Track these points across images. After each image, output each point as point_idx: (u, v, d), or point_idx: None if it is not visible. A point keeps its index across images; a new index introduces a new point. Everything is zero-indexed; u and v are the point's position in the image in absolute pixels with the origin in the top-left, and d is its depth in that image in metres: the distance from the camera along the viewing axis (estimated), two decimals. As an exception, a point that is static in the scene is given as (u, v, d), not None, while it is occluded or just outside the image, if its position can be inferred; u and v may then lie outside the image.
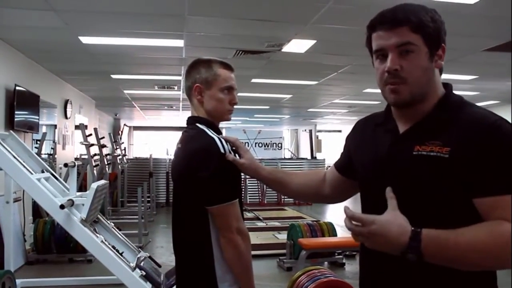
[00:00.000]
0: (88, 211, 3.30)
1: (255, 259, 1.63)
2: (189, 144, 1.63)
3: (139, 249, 4.12)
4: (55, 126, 7.43)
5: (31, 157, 3.77)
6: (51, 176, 3.74)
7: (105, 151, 8.61)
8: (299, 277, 3.32)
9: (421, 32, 1.11)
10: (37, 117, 6.09)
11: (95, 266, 5.02)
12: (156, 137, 19.63)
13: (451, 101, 1.18)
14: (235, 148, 1.63)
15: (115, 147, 10.40)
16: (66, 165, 3.74)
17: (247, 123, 16.92)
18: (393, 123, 1.23)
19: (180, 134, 1.75)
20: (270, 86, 8.46)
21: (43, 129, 6.83)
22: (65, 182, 3.86)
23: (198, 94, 1.67)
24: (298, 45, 5.40)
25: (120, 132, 15.37)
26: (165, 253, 5.84)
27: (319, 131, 18.90)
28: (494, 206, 1.03)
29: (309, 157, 16.94)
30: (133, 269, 3.25)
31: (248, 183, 11.02)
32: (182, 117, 13.19)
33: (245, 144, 1.74)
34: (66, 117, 8.01)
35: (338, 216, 8.95)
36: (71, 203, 3.26)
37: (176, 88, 8.68)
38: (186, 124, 1.72)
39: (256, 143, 17.17)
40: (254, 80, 7.79)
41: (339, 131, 19.78)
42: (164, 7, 4.10)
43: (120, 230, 4.16)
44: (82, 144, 7.62)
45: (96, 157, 8.06)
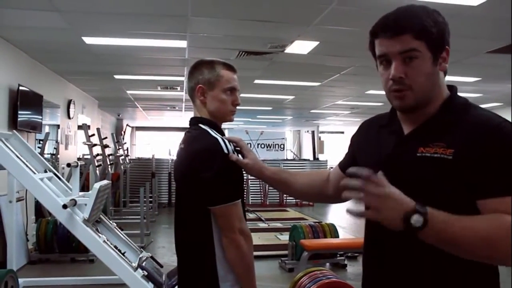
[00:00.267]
0: (91, 211, 3.30)
1: (256, 260, 1.63)
2: (192, 144, 1.63)
3: (141, 249, 4.13)
4: (58, 126, 7.45)
5: (34, 157, 3.78)
6: (54, 176, 3.75)
7: (107, 151, 8.62)
8: (301, 278, 3.32)
9: (424, 38, 1.10)
10: (40, 117, 6.11)
11: (97, 266, 5.02)
12: (158, 137, 19.64)
13: (455, 103, 1.18)
14: (238, 148, 1.63)
15: (117, 147, 10.42)
16: (68, 165, 3.75)
17: (250, 124, 16.92)
18: (397, 124, 1.24)
19: (183, 135, 1.74)
20: (272, 87, 8.46)
21: (46, 129, 6.85)
22: (68, 182, 3.87)
23: (201, 95, 1.67)
24: (301, 47, 5.39)
25: (122, 133, 15.38)
26: (167, 253, 5.84)
27: (322, 132, 18.89)
28: (497, 208, 1.03)
29: (311, 158, 16.95)
30: (135, 269, 3.25)
31: (250, 184, 11.00)
32: (185, 118, 13.18)
33: (247, 145, 1.74)
34: (69, 117, 8.03)
35: (340, 217, 8.98)
36: (74, 203, 3.26)
37: (178, 88, 8.69)
38: (189, 125, 1.72)
39: (258, 144, 17.17)
40: (256, 81, 7.80)
41: (342, 132, 19.76)
42: (167, 8, 4.11)
43: (122, 230, 4.17)
44: (85, 144, 7.63)
45: (99, 157, 8.08)
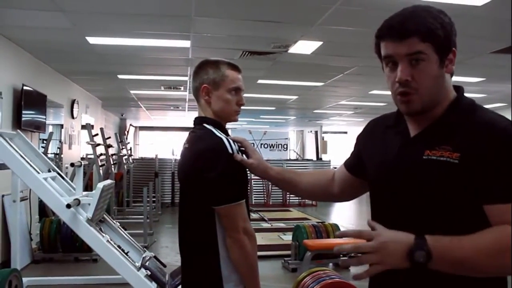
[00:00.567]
0: (94, 211, 3.30)
1: (259, 260, 1.63)
2: (197, 144, 1.63)
3: (145, 248, 4.13)
4: (61, 125, 7.47)
5: (38, 157, 3.78)
6: (58, 175, 3.75)
7: (111, 151, 8.64)
8: (304, 278, 3.31)
9: (431, 41, 1.09)
10: (44, 117, 6.12)
11: (100, 266, 5.03)
12: (161, 137, 19.68)
13: (462, 104, 1.17)
14: (243, 148, 1.63)
15: (121, 147, 10.43)
16: (72, 164, 3.76)
17: (253, 124, 16.92)
18: (404, 125, 1.23)
19: (187, 134, 1.74)
20: (276, 87, 8.46)
21: (50, 128, 6.86)
22: (71, 181, 3.87)
23: (205, 95, 1.67)
24: (304, 47, 5.39)
25: (126, 132, 15.42)
26: (170, 253, 5.85)
27: (325, 132, 18.87)
28: (504, 213, 1.02)
29: (314, 158, 16.93)
30: (139, 269, 3.25)
31: (253, 184, 10.99)
32: (188, 118, 13.20)
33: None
34: (72, 117, 8.05)
35: (343, 217, 8.98)
36: (77, 202, 3.26)
37: (182, 88, 8.70)
38: (193, 125, 1.72)
39: (261, 144, 17.14)
40: (260, 81, 7.79)
41: (345, 132, 19.74)
42: (171, 8, 4.11)
43: (125, 229, 4.16)
44: (88, 144, 7.66)
45: (102, 157, 8.10)
